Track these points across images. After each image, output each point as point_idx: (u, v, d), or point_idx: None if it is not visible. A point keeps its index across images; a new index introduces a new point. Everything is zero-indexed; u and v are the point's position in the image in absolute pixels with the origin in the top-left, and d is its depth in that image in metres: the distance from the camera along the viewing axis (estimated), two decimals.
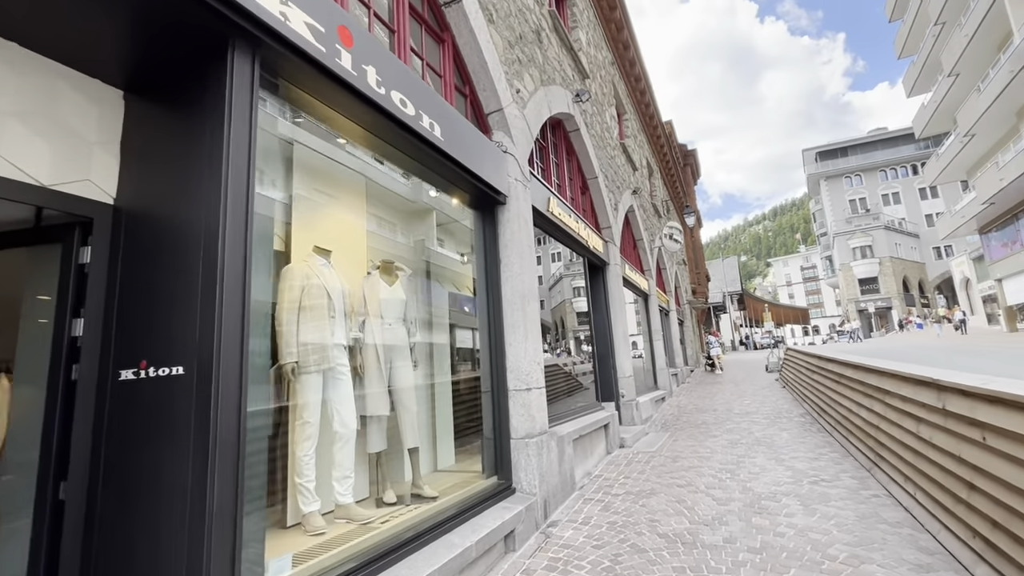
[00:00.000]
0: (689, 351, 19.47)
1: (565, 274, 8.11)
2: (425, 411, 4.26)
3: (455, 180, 3.73)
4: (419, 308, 4.41)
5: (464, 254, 4.42)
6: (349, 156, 3.50)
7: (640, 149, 12.94)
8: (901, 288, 47.88)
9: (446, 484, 3.79)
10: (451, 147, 3.41)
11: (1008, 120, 19.44)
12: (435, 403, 4.34)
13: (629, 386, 7.64)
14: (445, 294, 4.67)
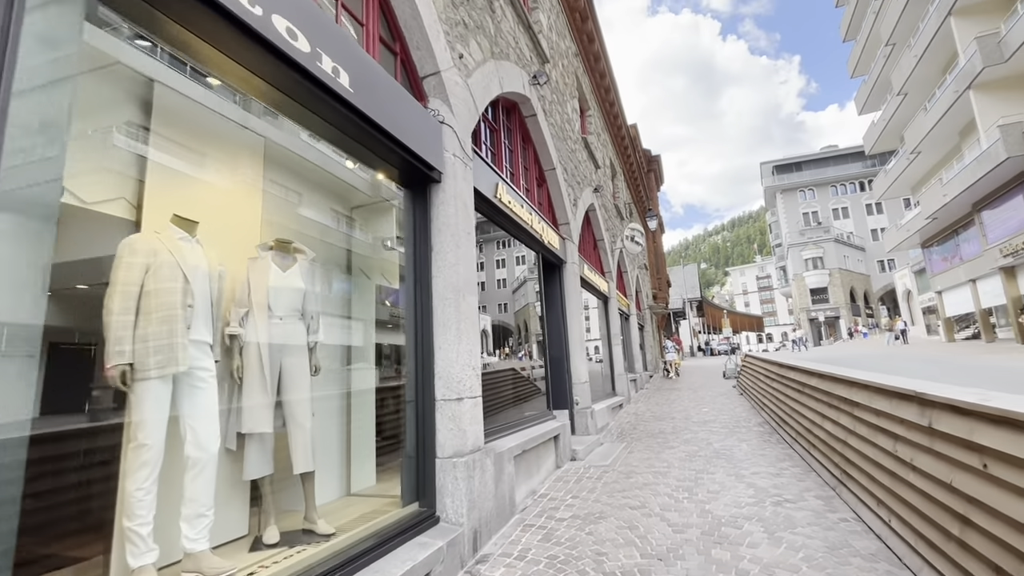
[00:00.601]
0: (649, 356, 19.34)
1: (529, 277, 7.76)
2: (338, 425, 3.60)
3: (373, 146, 3.10)
4: (335, 302, 3.75)
5: (388, 240, 3.79)
6: (239, 109, 2.83)
7: (604, 148, 12.60)
8: (848, 299, 50.02)
9: (355, 514, 3.14)
10: (365, 103, 2.79)
11: (951, 139, 20.33)
12: (352, 415, 3.69)
13: (584, 393, 7.16)
14: (371, 286, 4.02)
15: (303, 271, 2.89)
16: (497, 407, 5.30)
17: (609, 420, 8.66)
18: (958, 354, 16.31)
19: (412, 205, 3.61)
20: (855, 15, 27.78)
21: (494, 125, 5.63)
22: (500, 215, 5.04)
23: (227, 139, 2.84)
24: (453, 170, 3.70)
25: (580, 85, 10.05)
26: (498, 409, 5.30)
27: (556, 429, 5.45)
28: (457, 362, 3.41)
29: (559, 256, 7.11)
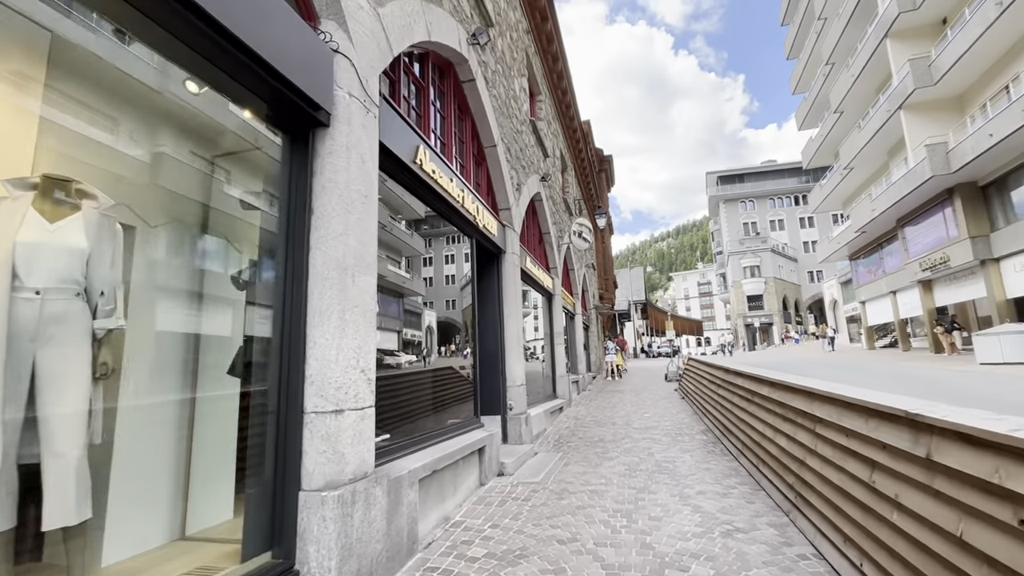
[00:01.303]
0: (593, 357, 19.04)
1: None
2: (172, 443, 2.67)
3: (231, 68, 2.23)
4: (179, 274, 2.82)
5: (249, 196, 2.88)
6: None
7: (554, 138, 12.02)
8: (781, 306, 52.69)
9: (180, 569, 2.25)
10: (217, 6, 1.92)
11: (881, 157, 21.41)
12: (198, 429, 2.77)
13: (520, 397, 6.46)
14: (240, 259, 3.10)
15: (89, 225, 1.97)
16: (415, 415, 4.49)
17: (547, 425, 8.03)
18: (883, 361, 17.07)
19: (289, 155, 2.74)
20: (799, 34, 28.94)
21: (421, 83, 4.80)
22: (422, 187, 4.23)
23: None
24: (348, 113, 2.86)
25: (531, 65, 9.37)
26: (416, 417, 4.50)
27: (482, 440, 4.71)
28: (338, 362, 2.58)
29: (497, 244, 6.38)
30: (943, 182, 15.92)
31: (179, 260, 2.71)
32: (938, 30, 17.15)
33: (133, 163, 2.51)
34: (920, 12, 16.65)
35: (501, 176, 6.54)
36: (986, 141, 13.57)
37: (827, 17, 23.78)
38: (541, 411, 7.69)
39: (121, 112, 2.45)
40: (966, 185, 15.98)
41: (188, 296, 2.76)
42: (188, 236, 2.75)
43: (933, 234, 18.03)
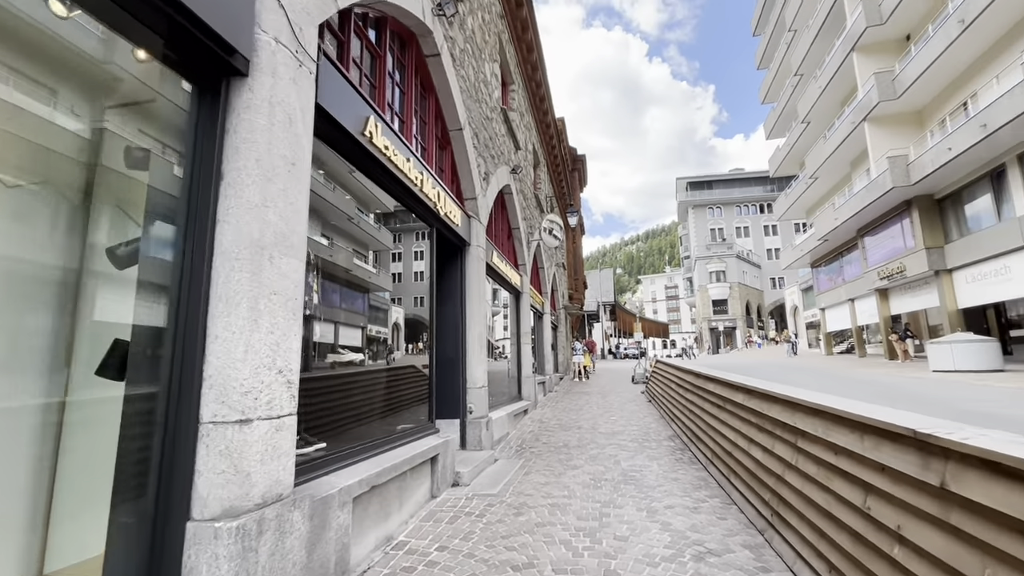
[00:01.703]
0: (561, 357, 18.81)
1: None
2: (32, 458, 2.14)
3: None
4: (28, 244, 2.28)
5: (135, 154, 2.35)
6: None
7: (527, 132, 11.65)
8: (744, 311, 54.06)
9: None
10: None
11: (844, 168, 21.98)
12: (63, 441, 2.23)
13: (481, 399, 6.05)
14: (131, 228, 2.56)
15: None
16: (364, 419, 4.02)
17: (510, 429, 7.65)
18: (843, 367, 17.46)
19: (196, 108, 2.24)
20: (769, 44, 29.56)
21: (377, 50, 4.32)
22: (372, 163, 3.76)
23: None
24: (273, 64, 2.38)
25: (503, 52, 8.97)
26: (365, 421, 4.03)
27: (435, 448, 4.27)
28: (246, 361, 2.10)
29: (461, 235, 5.94)
30: (902, 194, 16.37)
31: (46, 227, 2.18)
32: (902, 46, 17.66)
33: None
34: (886, 27, 17.09)
35: (467, 163, 6.11)
36: (945, 155, 13.97)
37: (797, 29, 24.30)
38: (504, 414, 7.30)
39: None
40: (923, 198, 16.49)
41: (59, 273, 2.23)
42: (60, 199, 2.21)
43: (891, 244, 18.58)
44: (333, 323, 4.17)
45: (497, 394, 8.35)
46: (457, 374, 5.84)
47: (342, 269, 4.54)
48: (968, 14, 12.84)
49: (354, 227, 4.58)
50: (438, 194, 4.97)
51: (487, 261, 7.10)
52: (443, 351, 5.74)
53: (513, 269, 9.42)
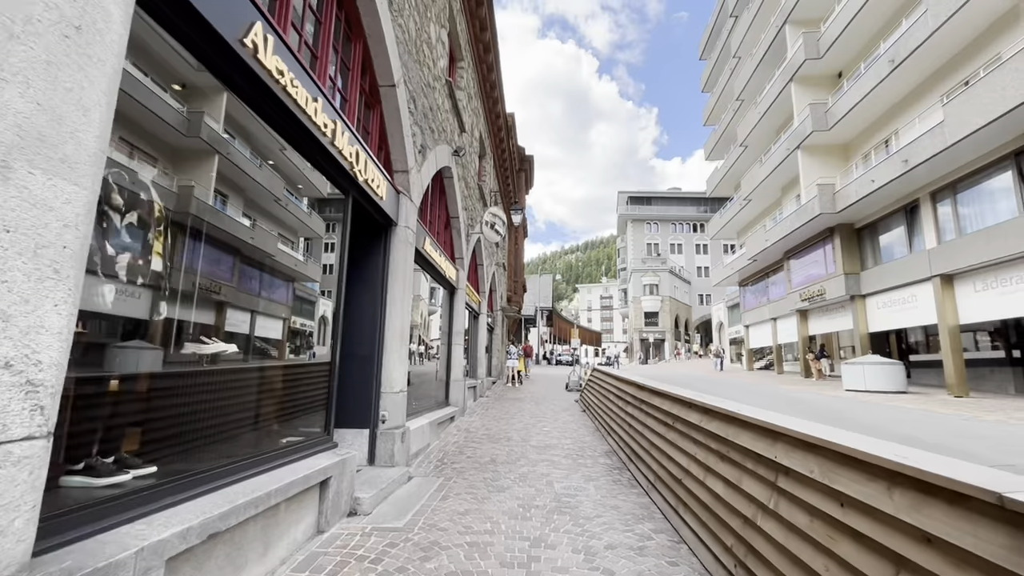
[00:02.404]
0: (495, 361, 18.09)
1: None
2: None
3: None
4: None
5: None
6: None
7: (475, 117, 10.85)
8: (673, 324, 56.22)
9: None
10: None
11: (775, 193, 23.05)
12: None
13: (397, 406, 5.15)
14: None
15: None
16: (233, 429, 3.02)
17: (432, 440, 6.78)
18: (766, 383, 18.06)
19: None
20: (714, 69, 30.77)
21: None
22: (257, 90, 2.81)
23: None
24: None
25: (454, 21, 8.13)
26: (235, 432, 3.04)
27: (327, 469, 3.35)
28: None
29: (387, 213, 5.03)
30: (827, 220, 17.22)
31: None
32: (836, 81, 18.70)
33: None
34: (822, 61, 17.99)
35: (400, 129, 5.21)
36: (868, 186, 14.75)
37: (741, 56, 25.34)
38: (426, 423, 6.42)
39: None
40: (845, 226, 17.45)
41: None
42: None
43: (814, 268, 19.57)
44: (232, 307, 3.23)
45: (421, 398, 7.46)
46: (370, 375, 4.92)
47: (262, 253, 3.71)
48: (898, 55, 13.62)
49: (282, 210, 3.87)
50: (356, 154, 4.05)
51: (418, 247, 6.22)
52: (353, 347, 4.80)
53: (449, 262, 8.57)
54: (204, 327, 2.99)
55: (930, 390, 14.87)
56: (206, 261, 2.99)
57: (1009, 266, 11.70)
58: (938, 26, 12.10)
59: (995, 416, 9.34)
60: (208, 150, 3.00)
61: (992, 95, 10.53)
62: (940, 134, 11.99)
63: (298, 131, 3.28)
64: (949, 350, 13.15)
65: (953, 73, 13.34)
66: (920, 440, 6.63)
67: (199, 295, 2.92)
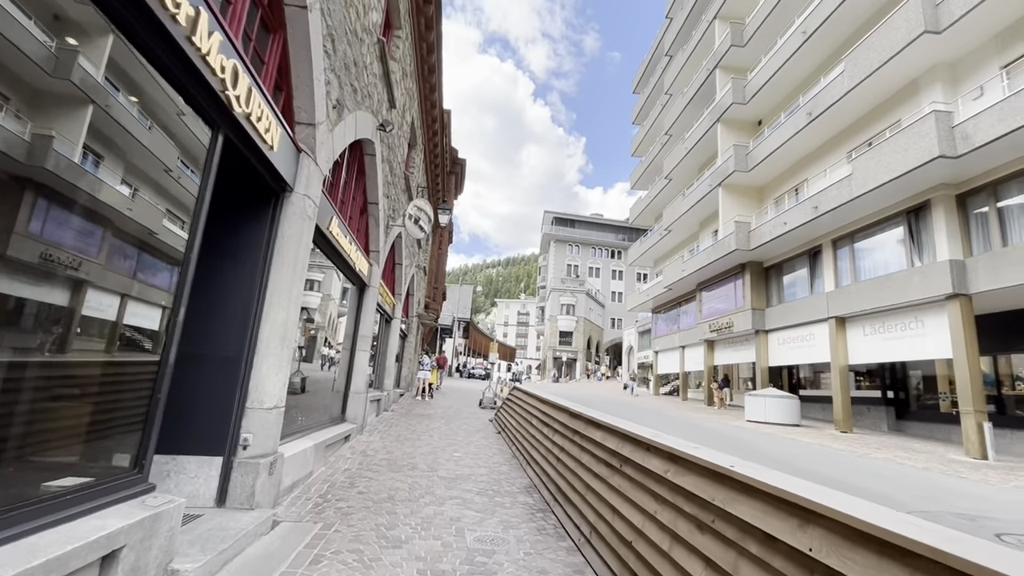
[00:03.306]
0: (405, 371, 16.69)
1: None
2: None
3: None
4: None
5: None
6: None
7: (408, 99, 9.75)
8: (586, 345, 57.54)
9: None
10: None
11: (694, 227, 24.09)
12: None
13: (268, 427, 3.89)
14: None
15: None
16: None
17: (318, 466, 5.48)
18: (673, 409, 18.35)
19: None
20: (646, 103, 32.08)
21: None
22: None
23: None
24: None
25: None
26: None
27: (113, 536, 2.11)
28: None
29: (279, 171, 3.83)
30: (741, 256, 18.08)
31: None
32: (756, 128, 19.94)
33: None
34: (747, 107, 19.09)
35: (309, 68, 4.05)
36: (781, 227, 15.61)
37: (672, 94, 26.54)
38: (310, 445, 5.14)
39: None
40: (755, 263, 18.42)
41: None
42: None
43: (724, 301, 20.50)
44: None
45: (312, 412, 6.13)
46: (233, 384, 3.65)
47: (150, 234, 2.78)
48: (815, 109, 14.62)
49: (174, 183, 2.97)
50: (234, 73, 2.88)
51: (321, 226, 5.02)
52: (210, 345, 3.53)
53: (362, 254, 7.34)
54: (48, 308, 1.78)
55: (818, 423, 15.86)
56: (61, 229, 1.90)
57: (894, 314, 12.70)
58: (852, 86, 13.08)
59: (882, 454, 9.81)
60: (80, 97, 2.30)
61: (895, 155, 11.41)
62: (847, 186, 12.86)
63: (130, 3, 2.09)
64: (839, 388, 14.03)
65: (859, 133, 14.54)
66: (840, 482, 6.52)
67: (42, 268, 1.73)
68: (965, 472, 8.24)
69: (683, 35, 26.29)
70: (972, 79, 11.51)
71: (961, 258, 10.98)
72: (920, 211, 12.24)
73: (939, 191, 11.49)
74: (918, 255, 12.31)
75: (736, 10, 20.61)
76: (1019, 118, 9.14)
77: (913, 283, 11.76)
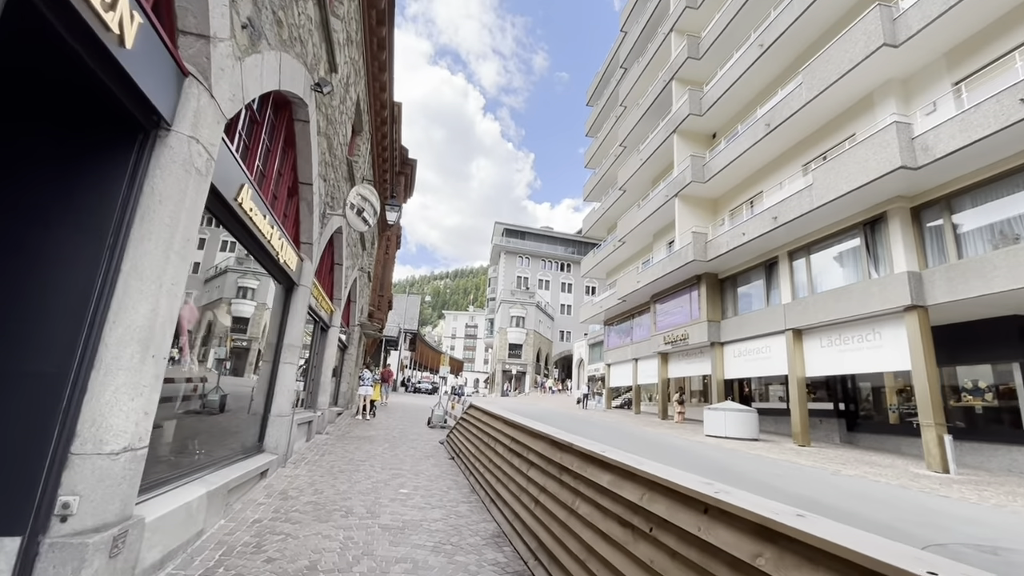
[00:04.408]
0: (344, 387, 14.99)
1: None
2: None
3: None
4: None
5: None
6: None
7: (354, 73, 8.46)
8: (535, 358, 56.88)
9: None
10: None
11: (647, 239, 23.95)
12: None
13: (108, 482, 2.52)
14: None
15: None
16: None
17: (212, 521, 4.04)
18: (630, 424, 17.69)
19: None
20: (600, 115, 32.14)
21: None
22: None
23: None
24: None
25: None
26: None
27: None
28: None
29: (146, 94, 2.54)
30: (697, 268, 17.89)
31: None
32: (711, 141, 20.05)
33: None
34: (703, 119, 19.15)
35: None
36: (739, 238, 15.46)
37: (628, 105, 26.57)
38: (200, 495, 3.72)
39: None
40: (711, 275, 18.30)
41: None
42: None
43: (679, 313, 20.28)
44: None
45: (216, 441, 4.68)
46: (48, 416, 2.28)
47: None
48: (773, 120, 14.64)
49: None
50: None
51: (225, 193, 3.69)
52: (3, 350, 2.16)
53: (290, 245, 5.96)
54: None
55: (775, 437, 15.66)
56: None
57: (852, 326, 12.65)
58: (812, 97, 13.12)
59: (851, 470, 9.43)
60: None
61: (856, 166, 11.37)
62: (807, 196, 12.79)
63: None
64: (797, 401, 13.84)
65: (814, 146, 14.68)
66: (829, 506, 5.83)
67: None
68: (939, 488, 7.89)
69: (638, 47, 26.46)
70: (924, 95, 11.74)
71: (918, 270, 11.02)
72: (876, 223, 12.31)
73: (895, 203, 11.55)
74: (874, 267, 12.35)
75: (692, 24, 20.80)
76: (979, 130, 9.19)
77: (872, 294, 11.71)
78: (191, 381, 4.73)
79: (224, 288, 5.24)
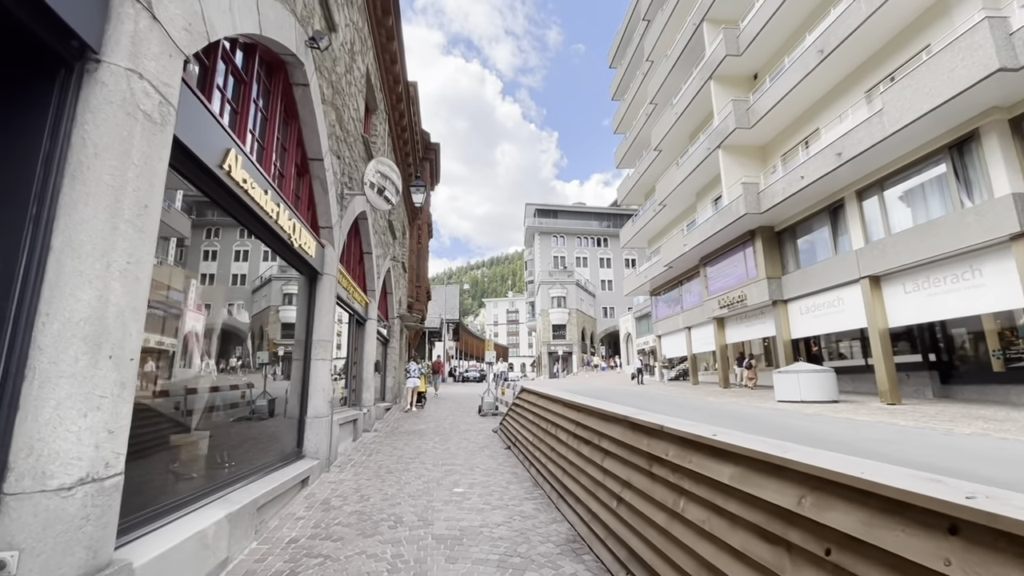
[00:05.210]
0: (390, 382, 14.64)
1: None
2: None
3: None
4: None
5: None
6: None
7: (359, 40, 7.73)
8: (580, 337, 55.87)
9: None
10: None
11: (689, 199, 22.42)
12: None
13: (59, 528, 1.91)
14: None
15: None
16: None
17: (242, 545, 3.48)
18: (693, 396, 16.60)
19: None
20: (625, 76, 30.36)
21: None
22: None
23: None
24: None
25: None
26: None
27: None
28: None
29: (86, 29, 1.85)
30: (751, 221, 16.41)
31: None
32: (752, 83, 18.29)
33: None
34: (741, 60, 17.43)
35: None
36: (797, 183, 13.93)
37: (654, 60, 24.83)
38: (218, 519, 3.14)
39: None
40: (766, 228, 16.78)
41: None
42: None
43: (732, 274, 18.84)
44: None
45: (250, 452, 4.15)
46: None
47: None
48: (828, 45, 12.96)
49: None
50: None
51: (203, 157, 3.03)
52: None
53: (308, 230, 5.34)
54: None
55: (856, 397, 14.23)
56: None
57: (942, 265, 11.09)
58: (874, 9, 11.42)
59: (964, 427, 8.14)
60: None
61: (939, 78, 9.75)
62: (878, 123, 11.20)
63: None
64: (881, 356, 12.40)
65: (877, 68, 12.92)
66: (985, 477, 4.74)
67: None
68: None
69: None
70: None
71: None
72: (965, 144, 10.62)
73: (991, 116, 9.87)
74: (967, 194, 10.71)
75: None
76: None
77: (967, 225, 10.13)
78: (236, 388, 4.24)
79: (272, 296, 4.94)
